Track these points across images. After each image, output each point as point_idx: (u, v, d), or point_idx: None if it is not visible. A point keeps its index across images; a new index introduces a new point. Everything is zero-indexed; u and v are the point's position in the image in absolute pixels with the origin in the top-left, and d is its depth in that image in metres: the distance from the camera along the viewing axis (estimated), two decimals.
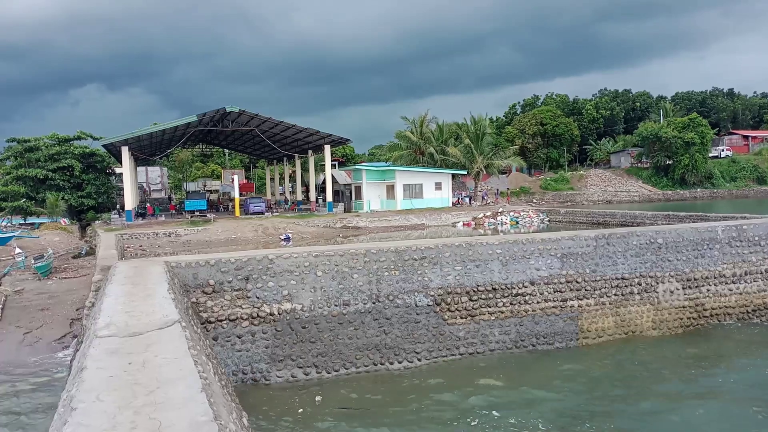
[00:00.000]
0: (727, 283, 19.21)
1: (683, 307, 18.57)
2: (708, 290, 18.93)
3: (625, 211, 39.81)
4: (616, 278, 17.83)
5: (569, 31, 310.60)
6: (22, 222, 50.04)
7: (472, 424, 11.87)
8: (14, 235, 35.48)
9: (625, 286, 17.93)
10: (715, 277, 19.07)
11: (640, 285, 18.09)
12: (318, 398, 13.38)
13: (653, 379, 14.42)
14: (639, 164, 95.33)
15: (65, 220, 51.28)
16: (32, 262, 26.14)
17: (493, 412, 12.43)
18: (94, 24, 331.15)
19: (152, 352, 6.44)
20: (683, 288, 18.63)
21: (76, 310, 18.80)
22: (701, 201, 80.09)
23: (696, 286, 18.80)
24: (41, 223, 47.34)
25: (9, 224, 46.68)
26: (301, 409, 12.78)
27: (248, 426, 7.07)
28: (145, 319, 7.95)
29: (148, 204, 52.78)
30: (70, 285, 22.89)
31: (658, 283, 18.32)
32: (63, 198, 50.94)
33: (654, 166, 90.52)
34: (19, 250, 29.28)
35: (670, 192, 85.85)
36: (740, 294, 19.30)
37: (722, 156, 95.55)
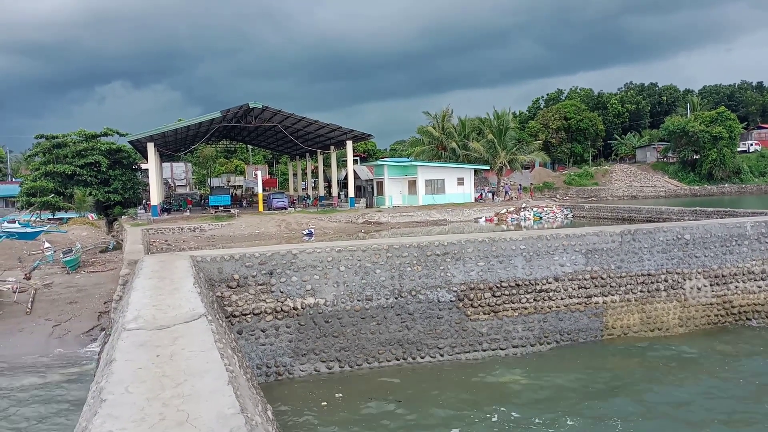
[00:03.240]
0: (755, 280, 18.83)
1: (711, 304, 18.27)
2: (736, 287, 18.59)
3: (651, 207, 39.21)
4: (642, 274, 17.60)
5: (593, 25, 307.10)
6: (51, 217, 51.01)
7: (493, 419, 11.83)
8: (43, 230, 36.20)
9: (651, 282, 17.68)
10: (743, 274, 18.72)
11: (667, 281, 17.83)
12: (338, 395, 13.44)
13: (680, 377, 14.21)
14: (665, 159, 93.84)
15: (92, 215, 52.11)
16: (61, 256, 26.64)
17: (515, 409, 12.37)
18: (119, 22, 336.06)
19: (179, 345, 6.53)
20: (711, 285, 18.32)
21: (104, 303, 19.13)
22: (729, 196, 78.62)
23: (724, 283, 18.47)
24: (69, 218, 48.22)
25: (38, 219, 47.63)
26: (325, 402, 12.86)
27: (273, 419, 7.13)
28: (171, 313, 8.05)
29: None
30: (97, 279, 23.28)
31: (685, 280, 18.03)
32: (90, 193, 51.76)
33: (680, 161, 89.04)
34: (48, 245, 29.86)
35: (696, 187, 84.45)
36: None
37: (751, 150, 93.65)
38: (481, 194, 59.57)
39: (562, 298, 16.77)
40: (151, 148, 45.78)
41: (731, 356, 15.80)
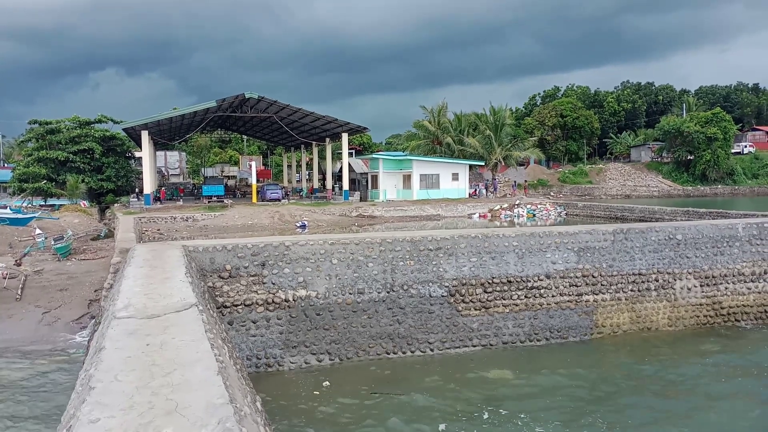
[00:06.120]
0: (745, 282, 18.95)
1: (700, 304, 18.38)
2: (726, 288, 18.70)
3: (644, 206, 39.36)
4: (633, 274, 17.68)
5: (590, 22, 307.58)
6: (43, 203, 50.72)
7: (484, 416, 11.88)
8: (34, 216, 36.04)
9: (642, 281, 17.77)
10: (733, 276, 18.83)
11: (657, 281, 17.93)
12: (326, 383, 13.47)
13: (667, 376, 14.31)
14: (659, 159, 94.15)
15: (85, 202, 51.87)
16: (52, 243, 26.52)
17: (504, 404, 12.43)
18: (115, 8, 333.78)
19: (170, 334, 6.51)
20: (701, 285, 18.42)
21: (95, 291, 19.07)
22: (722, 198, 78.99)
23: (714, 284, 18.58)
24: (61, 205, 47.99)
25: (29, 205, 47.37)
26: (315, 394, 12.88)
27: (262, 409, 7.13)
28: (162, 302, 8.02)
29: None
30: (89, 266, 23.21)
31: (675, 280, 18.13)
32: (83, 180, 51.44)
33: (675, 161, 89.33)
34: (39, 231, 29.73)
35: (690, 188, 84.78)
36: (759, 293, 19.04)
37: (745, 152, 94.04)
38: (475, 190, 59.60)
39: (553, 296, 16.84)
40: (145, 136, 45.54)
41: (718, 357, 15.90)
